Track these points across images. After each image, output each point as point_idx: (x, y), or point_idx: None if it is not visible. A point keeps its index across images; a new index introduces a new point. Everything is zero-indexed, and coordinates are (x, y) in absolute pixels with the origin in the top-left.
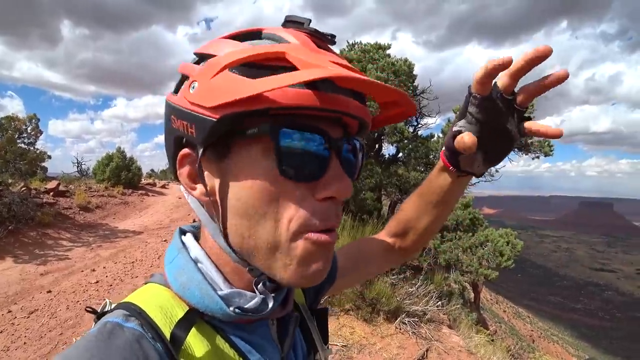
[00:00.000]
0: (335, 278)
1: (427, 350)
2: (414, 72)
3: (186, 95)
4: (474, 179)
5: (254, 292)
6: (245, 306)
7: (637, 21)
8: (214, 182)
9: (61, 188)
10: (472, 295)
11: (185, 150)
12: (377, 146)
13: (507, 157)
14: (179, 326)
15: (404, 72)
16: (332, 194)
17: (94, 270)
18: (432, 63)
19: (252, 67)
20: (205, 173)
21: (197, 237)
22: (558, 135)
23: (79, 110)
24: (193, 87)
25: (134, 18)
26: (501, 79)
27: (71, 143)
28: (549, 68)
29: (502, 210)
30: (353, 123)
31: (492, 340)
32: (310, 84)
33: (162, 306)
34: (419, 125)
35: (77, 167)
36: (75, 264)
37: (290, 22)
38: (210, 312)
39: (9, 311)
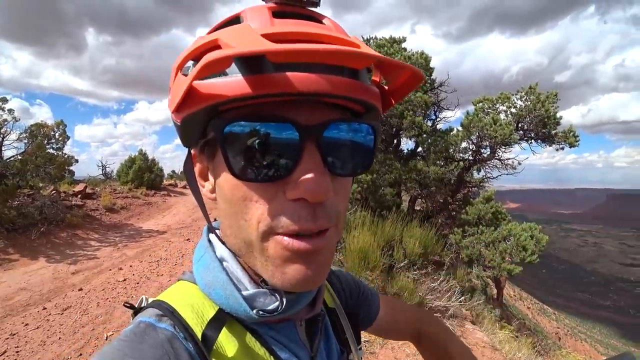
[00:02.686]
0: (373, 322)
1: None
2: (431, 65)
3: (168, 105)
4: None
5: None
6: (270, 307)
7: None
8: (212, 181)
9: (88, 190)
10: (494, 291)
11: (194, 150)
12: (395, 141)
13: (530, 148)
14: (210, 326)
15: (420, 65)
16: (299, 195)
17: (121, 269)
18: (452, 56)
19: (196, 63)
20: (209, 172)
21: None
22: None
23: (103, 115)
24: (169, 96)
25: (154, 23)
26: None
27: (96, 147)
28: (574, 55)
29: (526, 204)
30: (346, 102)
31: (517, 337)
32: (252, 68)
33: (194, 305)
34: (438, 119)
35: (102, 170)
36: (104, 263)
37: None
38: (235, 313)
39: (44, 308)
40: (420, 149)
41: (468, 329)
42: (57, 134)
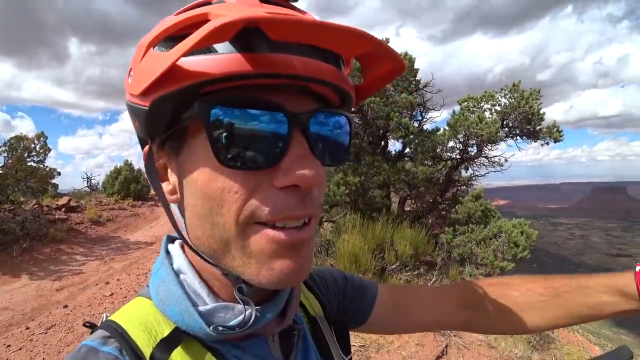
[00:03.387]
0: (367, 318)
1: (446, 347)
2: (417, 67)
3: (127, 88)
4: (482, 170)
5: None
6: (232, 322)
7: None
8: (175, 179)
9: (72, 204)
10: None
11: (147, 148)
12: (383, 143)
13: (515, 145)
14: (161, 347)
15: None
16: (292, 182)
17: (108, 283)
18: (437, 57)
19: (176, 40)
20: (169, 170)
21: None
22: None
23: (88, 126)
24: (130, 77)
25: (140, 31)
26: None
27: (81, 159)
28: (554, 54)
29: (514, 201)
30: (327, 92)
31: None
32: (245, 46)
33: (147, 324)
34: (424, 120)
35: (87, 182)
36: (90, 277)
37: None
38: (191, 331)
39: (27, 328)
40: (407, 149)
41: None
42: (37, 147)
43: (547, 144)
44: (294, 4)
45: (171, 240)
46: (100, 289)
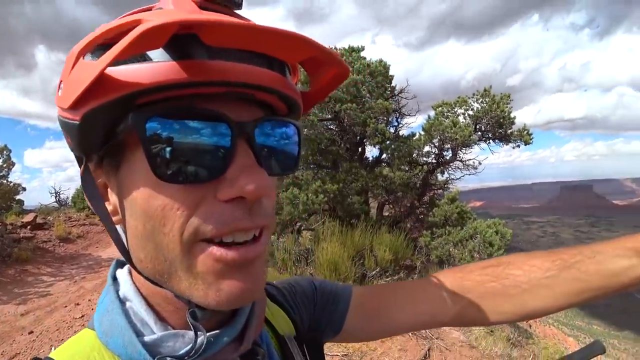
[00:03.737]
0: (342, 326)
1: (429, 350)
2: (393, 74)
3: (57, 102)
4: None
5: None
6: (181, 351)
7: (603, 9)
8: (115, 198)
9: (39, 220)
10: None
11: (83, 166)
12: (360, 149)
13: (488, 148)
14: None
15: (380, 72)
16: (237, 193)
17: (78, 304)
18: (412, 64)
19: (108, 48)
20: (109, 189)
21: None
22: None
23: (57, 138)
24: (60, 90)
25: None
26: None
27: (49, 173)
28: (523, 59)
29: (488, 202)
30: (273, 100)
31: (492, 332)
32: (181, 53)
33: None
34: (400, 125)
35: (55, 197)
36: (58, 299)
37: None
38: None
39: None
40: (384, 155)
41: (445, 330)
42: (0, 161)
43: (519, 146)
44: (237, 11)
45: (121, 264)
46: (69, 311)
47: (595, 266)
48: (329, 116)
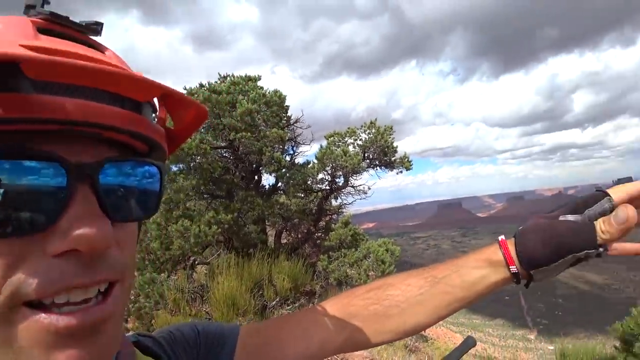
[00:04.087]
0: None
1: None
2: (289, 104)
3: None
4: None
5: None
6: None
7: (461, 61)
8: None
9: None
10: None
11: None
12: (256, 177)
13: (376, 174)
14: None
15: (275, 102)
16: (70, 246)
17: None
18: (308, 95)
19: None
20: None
21: None
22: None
23: None
24: None
25: None
26: (619, 194)
27: None
28: (404, 97)
29: (379, 222)
30: (126, 139)
31: (391, 343)
32: (7, 84)
33: None
34: (296, 154)
35: None
36: None
37: (27, 7)
38: None
39: None
40: (280, 183)
41: None
42: None
43: (401, 172)
44: (94, 37)
45: None
46: None
47: (459, 279)
48: (223, 144)
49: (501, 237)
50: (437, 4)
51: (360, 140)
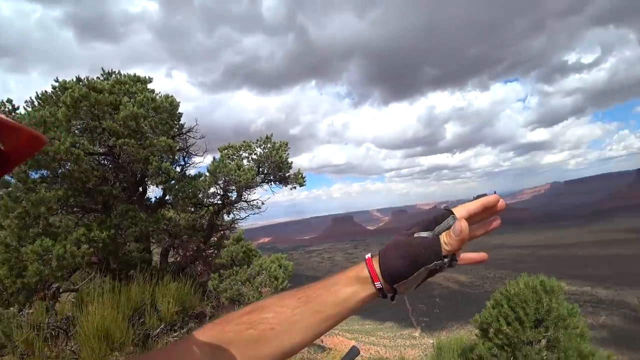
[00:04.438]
0: None
1: None
2: (184, 111)
3: None
4: (242, 213)
5: None
6: None
7: (356, 88)
8: None
9: None
10: None
11: None
12: (140, 189)
13: (270, 189)
14: None
15: (166, 109)
16: None
17: None
18: (206, 104)
19: None
20: None
21: None
22: (483, 260)
23: None
24: None
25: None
26: (461, 212)
27: None
28: (303, 114)
29: (275, 237)
30: None
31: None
32: None
33: None
34: (188, 165)
35: None
36: None
37: None
38: None
39: None
40: (168, 196)
41: None
42: None
43: (295, 188)
44: None
45: None
46: None
47: (332, 297)
48: (102, 150)
49: (368, 255)
50: (338, 31)
51: (255, 154)
